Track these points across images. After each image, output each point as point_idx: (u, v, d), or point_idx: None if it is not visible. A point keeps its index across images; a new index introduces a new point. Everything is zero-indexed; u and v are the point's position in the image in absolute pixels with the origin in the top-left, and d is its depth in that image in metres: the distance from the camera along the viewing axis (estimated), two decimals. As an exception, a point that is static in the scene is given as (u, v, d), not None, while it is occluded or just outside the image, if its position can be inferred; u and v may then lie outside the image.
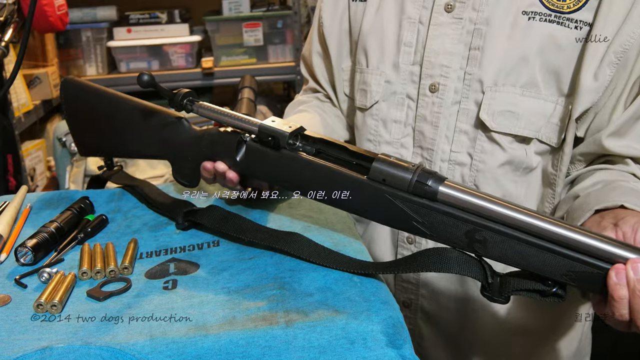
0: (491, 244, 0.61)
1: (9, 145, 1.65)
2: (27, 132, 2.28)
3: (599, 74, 0.80)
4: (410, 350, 0.59)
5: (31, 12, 1.21)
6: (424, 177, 0.64)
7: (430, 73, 0.90)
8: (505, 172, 0.89)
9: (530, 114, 0.85)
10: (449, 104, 0.89)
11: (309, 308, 0.64)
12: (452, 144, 0.90)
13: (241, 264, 0.74)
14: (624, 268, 0.58)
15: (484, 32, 0.85)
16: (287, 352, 0.58)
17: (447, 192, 0.63)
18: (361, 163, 0.68)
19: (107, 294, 0.68)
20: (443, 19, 0.88)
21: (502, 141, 0.87)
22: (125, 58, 2.54)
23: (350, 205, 0.69)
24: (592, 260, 0.58)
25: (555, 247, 0.59)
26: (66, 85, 0.90)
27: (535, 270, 0.60)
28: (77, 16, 2.52)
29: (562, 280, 0.60)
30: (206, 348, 0.58)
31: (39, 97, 2.28)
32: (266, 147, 0.73)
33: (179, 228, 0.84)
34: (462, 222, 0.62)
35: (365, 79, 0.97)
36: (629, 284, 0.58)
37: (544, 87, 0.85)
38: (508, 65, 0.84)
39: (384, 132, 0.96)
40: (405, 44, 0.92)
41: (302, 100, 1.13)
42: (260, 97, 2.83)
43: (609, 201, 0.71)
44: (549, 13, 0.82)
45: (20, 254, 0.75)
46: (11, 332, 0.62)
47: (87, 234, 0.82)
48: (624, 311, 0.59)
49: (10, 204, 0.90)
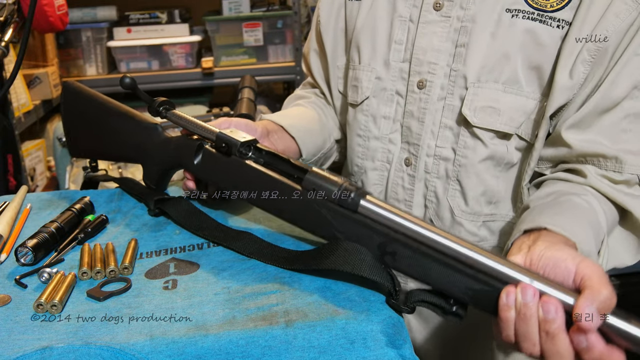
0: (399, 257, 0.64)
1: (9, 145, 1.65)
2: (27, 132, 2.28)
3: (574, 71, 0.81)
4: (410, 351, 0.59)
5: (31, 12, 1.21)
6: (349, 190, 0.68)
7: (418, 70, 0.91)
8: (487, 167, 0.90)
9: (512, 110, 0.86)
10: (434, 100, 0.90)
11: (309, 308, 0.64)
12: (437, 139, 0.91)
13: (241, 264, 0.74)
14: (514, 290, 0.59)
15: (469, 29, 0.87)
16: (287, 352, 0.58)
17: (366, 205, 0.67)
18: (300, 176, 0.73)
19: (107, 294, 0.68)
20: (432, 17, 0.90)
21: (483, 137, 0.88)
22: (125, 58, 2.54)
23: (283, 212, 0.75)
24: (489, 279, 0.60)
25: (456, 265, 0.61)
26: (65, 89, 0.95)
27: (438, 286, 0.63)
28: (77, 16, 2.52)
29: (462, 298, 0.62)
30: (206, 348, 0.58)
31: (39, 97, 2.28)
32: (220, 153, 0.80)
33: (150, 214, 0.89)
34: (376, 234, 0.66)
35: (357, 75, 0.99)
36: (516, 306, 0.58)
37: (526, 84, 0.86)
38: (491, 62, 0.85)
39: (373, 128, 0.98)
40: (396, 42, 0.94)
41: (300, 95, 1.15)
42: (260, 97, 2.83)
43: (534, 222, 0.72)
44: (532, 11, 0.83)
45: (20, 254, 0.75)
46: (11, 332, 0.62)
47: (87, 234, 0.82)
48: (509, 332, 0.60)
49: (10, 204, 0.90)
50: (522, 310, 0.58)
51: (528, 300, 0.58)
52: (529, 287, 0.58)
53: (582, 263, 0.60)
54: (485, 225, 0.93)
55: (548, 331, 0.57)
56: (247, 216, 0.88)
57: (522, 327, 0.58)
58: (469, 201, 0.91)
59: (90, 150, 0.99)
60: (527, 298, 0.58)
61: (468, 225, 0.93)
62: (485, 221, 0.93)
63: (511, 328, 0.59)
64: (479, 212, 0.92)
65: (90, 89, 0.94)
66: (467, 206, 0.92)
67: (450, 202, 0.92)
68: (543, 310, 0.57)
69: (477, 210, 0.92)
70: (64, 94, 0.95)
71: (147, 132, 0.90)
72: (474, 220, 0.93)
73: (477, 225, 0.93)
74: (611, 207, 0.81)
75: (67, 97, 0.94)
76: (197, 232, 0.82)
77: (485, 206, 0.92)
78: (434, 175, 0.93)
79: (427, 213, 0.95)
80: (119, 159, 0.99)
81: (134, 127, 0.90)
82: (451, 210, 0.93)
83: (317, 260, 0.69)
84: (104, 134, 0.93)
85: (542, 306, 0.57)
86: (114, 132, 0.92)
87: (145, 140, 0.90)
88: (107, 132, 0.93)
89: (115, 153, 0.96)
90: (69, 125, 0.97)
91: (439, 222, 0.94)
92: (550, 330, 0.57)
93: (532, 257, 0.64)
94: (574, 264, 0.60)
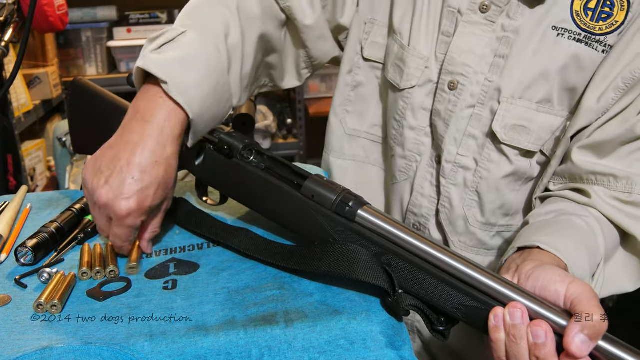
0: (394, 268, 0.64)
1: (9, 145, 1.65)
2: (27, 132, 2.28)
3: (603, 97, 0.79)
4: (410, 352, 0.59)
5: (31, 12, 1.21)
6: (347, 199, 0.68)
7: (451, 70, 0.87)
8: (508, 182, 0.88)
9: (541, 130, 0.84)
10: (463, 107, 0.87)
11: (309, 308, 0.64)
12: (459, 147, 0.88)
13: (241, 264, 0.74)
14: (502, 312, 0.58)
15: (512, 41, 0.83)
16: (286, 352, 0.58)
17: (364, 215, 0.67)
18: (299, 182, 0.73)
19: (107, 294, 0.68)
20: (476, 18, 0.85)
21: (509, 153, 0.86)
22: (125, 58, 2.54)
23: (281, 217, 0.75)
24: (481, 295, 0.60)
25: (450, 279, 0.62)
26: (74, 85, 0.95)
27: (431, 300, 0.63)
28: (77, 16, 2.53)
29: (454, 313, 0.62)
30: (206, 348, 0.58)
31: (39, 97, 2.28)
32: (221, 155, 0.80)
33: None
34: (372, 244, 0.66)
35: (404, 58, 0.91)
36: (505, 328, 0.58)
37: (558, 104, 0.83)
38: (528, 79, 0.82)
39: (410, 117, 0.92)
40: (443, 33, 0.89)
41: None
42: (260, 96, 2.83)
43: (528, 240, 0.71)
44: (579, 32, 0.80)
45: (20, 254, 0.75)
46: (11, 332, 0.62)
47: (87, 234, 0.82)
48: (501, 354, 0.59)
49: (10, 204, 0.90)
50: (511, 332, 0.57)
51: (517, 322, 0.57)
52: (517, 308, 0.57)
53: (572, 285, 0.59)
54: (499, 235, 0.92)
55: (538, 356, 0.56)
56: (247, 216, 0.88)
57: (512, 349, 0.58)
58: (485, 213, 0.90)
59: (93, 147, 0.99)
60: (516, 320, 0.57)
61: (481, 234, 0.91)
62: (500, 231, 0.92)
63: (502, 349, 0.59)
64: (495, 224, 0.91)
65: (98, 86, 0.94)
66: (483, 217, 0.90)
67: (466, 211, 0.90)
68: (533, 335, 0.56)
69: (493, 221, 0.91)
70: (71, 90, 0.95)
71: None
72: (487, 230, 0.91)
73: (491, 235, 0.92)
74: (613, 231, 0.80)
75: (74, 94, 0.95)
76: (196, 229, 0.82)
77: (502, 218, 0.91)
78: (450, 181, 0.90)
79: (438, 217, 0.93)
80: None
81: None
82: (466, 219, 0.91)
83: (313, 262, 0.68)
84: (108, 132, 0.93)
85: (532, 330, 0.57)
86: (114, 129, 0.92)
87: None
88: (110, 129, 0.93)
89: None
90: (73, 121, 0.97)
91: (449, 228, 0.93)
92: (541, 356, 0.56)
93: (519, 276, 0.63)
94: (563, 286, 0.59)
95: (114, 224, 0.71)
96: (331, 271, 0.66)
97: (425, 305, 0.64)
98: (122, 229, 0.71)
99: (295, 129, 2.86)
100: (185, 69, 0.72)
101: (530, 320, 0.58)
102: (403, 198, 0.97)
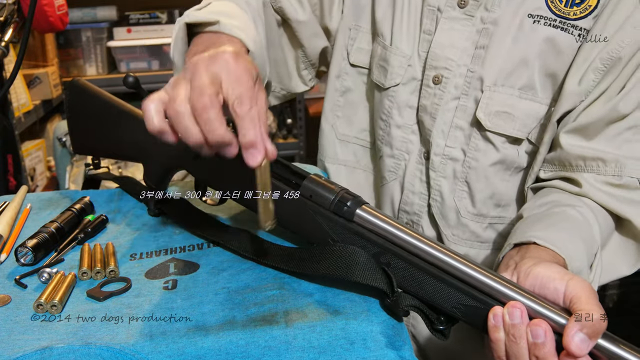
0: (393, 268, 0.64)
1: (9, 145, 1.65)
2: (27, 132, 2.28)
3: (584, 79, 0.81)
4: (410, 352, 0.59)
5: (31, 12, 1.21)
6: (345, 199, 0.68)
7: (435, 65, 0.89)
8: (497, 171, 0.89)
9: (526, 116, 0.86)
10: (448, 99, 0.89)
11: (309, 308, 0.64)
12: (447, 139, 0.90)
13: (241, 264, 0.74)
14: (502, 311, 0.58)
15: (491, 31, 0.86)
16: (286, 352, 0.58)
17: (362, 215, 0.67)
18: (298, 181, 0.73)
19: (107, 294, 0.68)
20: (455, 14, 0.88)
21: (495, 141, 0.87)
22: (126, 58, 2.54)
23: (280, 217, 0.73)
24: (480, 295, 0.60)
25: (449, 278, 0.61)
26: (71, 85, 0.95)
27: (431, 299, 0.63)
28: (77, 16, 2.52)
29: (453, 312, 0.62)
30: (206, 348, 0.58)
31: (39, 97, 2.28)
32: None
33: (150, 214, 0.89)
34: (370, 244, 0.66)
35: (387, 57, 0.94)
36: (504, 327, 0.58)
37: (541, 90, 0.85)
38: (509, 66, 0.85)
39: (397, 116, 0.94)
40: (424, 32, 0.91)
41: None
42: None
43: (524, 236, 0.71)
44: (554, 18, 0.82)
45: (20, 254, 0.75)
46: (11, 332, 0.62)
47: (87, 234, 0.82)
48: (500, 353, 0.59)
49: (10, 204, 0.90)
50: (510, 331, 0.57)
51: (516, 322, 0.57)
52: (516, 307, 0.57)
53: (571, 282, 0.59)
54: (491, 227, 0.93)
55: (538, 355, 0.56)
56: (247, 216, 0.88)
57: (512, 348, 0.58)
58: (476, 203, 0.91)
59: (93, 147, 0.99)
60: (515, 319, 0.57)
61: (473, 226, 0.92)
62: (492, 223, 0.93)
63: (502, 349, 0.59)
64: (486, 214, 0.92)
65: (96, 87, 0.94)
66: (474, 208, 0.91)
67: (457, 203, 0.92)
68: (532, 334, 0.56)
69: (485, 212, 0.92)
70: (69, 91, 0.95)
71: (148, 131, 0.90)
72: (479, 221, 0.92)
73: (483, 226, 0.93)
74: (607, 218, 0.80)
75: (72, 94, 0.95)
76: (196, 230, 0.82)
77: (493, 209, 0.92)
78: (440, 174, 0.92)
79: (430, 210, 0.94)
80: (121, 157, 0.99)
81: (136, 126, 0.90)
82: (457, 210, 0.92)
83: (312, 264, 0.68)
84: (107, 132, 0.93)
85: (531, 330, 0.57)
86: (116, 130, 0.92)
87: (146, 140, 0.90)
88: (109, 130, 0.93)
89: (116, 151, 0.96)
90: (72, 122, 0.97)
91: (442, 222, 0.94)
92: (540, 355, 0.56)
93: (518, 274, 0.63)
94: (562, 284, 0.59)
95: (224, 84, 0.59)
96: (330, 273, 0.65)
97: (424, 304, 0.64)
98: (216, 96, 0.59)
99: (295, 128, 2.86)
100: (229, 17, 0.73)
101: (530, 319, 0.58)
102: (394, 198, 0.98)
